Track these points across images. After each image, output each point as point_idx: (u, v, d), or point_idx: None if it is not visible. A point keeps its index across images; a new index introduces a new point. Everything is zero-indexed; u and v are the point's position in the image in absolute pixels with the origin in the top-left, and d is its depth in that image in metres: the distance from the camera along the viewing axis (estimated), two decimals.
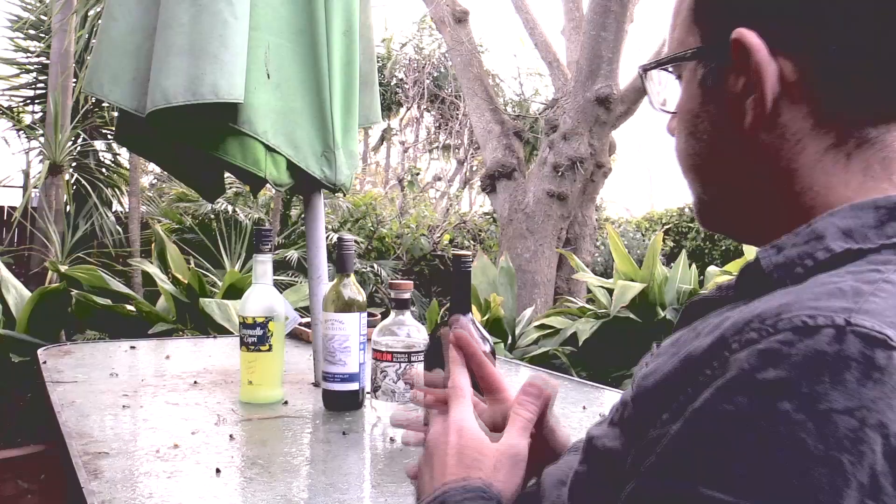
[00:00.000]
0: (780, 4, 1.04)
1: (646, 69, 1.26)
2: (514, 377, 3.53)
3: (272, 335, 2.83)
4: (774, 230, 1.09)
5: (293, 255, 10.63)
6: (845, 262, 0.96)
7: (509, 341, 7.01)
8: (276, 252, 10.26)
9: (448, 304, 2.63)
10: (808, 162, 1.05)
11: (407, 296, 2.65)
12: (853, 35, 1.00)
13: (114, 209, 10.75)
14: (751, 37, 1.04)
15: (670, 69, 1.23)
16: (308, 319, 4.00)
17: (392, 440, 2.45)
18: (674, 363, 0.96)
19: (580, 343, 6.60)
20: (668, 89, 1.25)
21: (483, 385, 1.61)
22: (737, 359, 0.85)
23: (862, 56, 1.01)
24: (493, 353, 2.40)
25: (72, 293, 6.26)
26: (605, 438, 1.09)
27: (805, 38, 1.03)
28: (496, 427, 1.54)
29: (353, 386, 2.78)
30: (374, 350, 2.64)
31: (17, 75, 10.99)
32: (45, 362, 3.38)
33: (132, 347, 3.87)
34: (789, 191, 1.07)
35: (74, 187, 10.14)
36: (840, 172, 1.04)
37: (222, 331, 5.74)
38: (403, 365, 2.61)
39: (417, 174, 18.41)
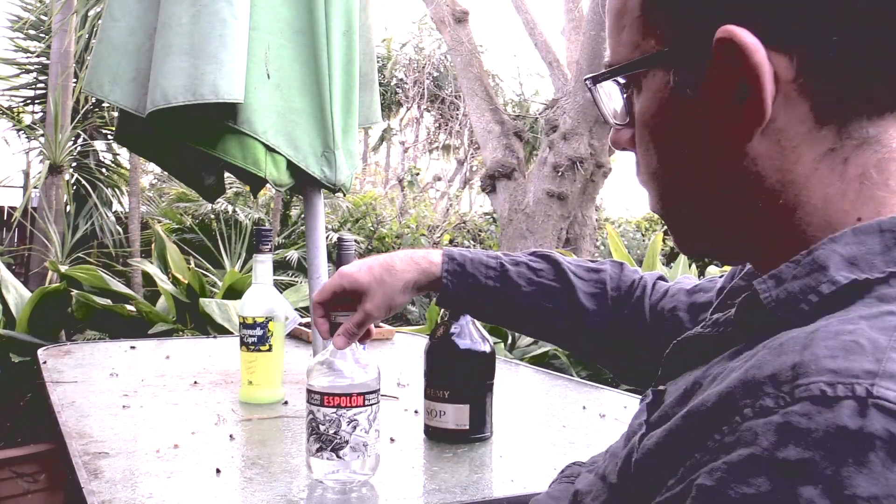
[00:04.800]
0: None
1: (596, 80, 1.14)
2: (514, 377, 3.53)
3: (272, 335, 2.82)
4: (766, 251, 1.02)
5: (293, 255, 10.63)
6: (852, 295, 0.89)
7: (509, 342, 7.00)
8: (276, 252, 10.26)
9: None
10: (803, 171, 0.96)
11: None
12: (858, 20, 0.90)
13: (114, 209, 10.75)
14: (743, 35, 0.91)
15: (623, 79, 1.11)
16: (308, 319, 4.00)
17: (392, 440, 2.44)
18: (676, 423, 0.88)
19: None
20: (620, 99, 1.14)
21: None
22: (751, 430, 0.77)
23: (865, 43, 0.91)
24: (492, 353, 2.41)
25: (72, 293, 6.24)
26: (589, 497, 1.05)
27: (803, 29, 0.92)
28: None
29: None
30: (328, 396, 1.98)
31: (17, 75, 10.99)
32: (45, 362, 3.37)
33: (132, 347, 3.87)
34: (783, 206, 0.98)
35: (74, 187, 10.14)
36: (836, 181, 0.96)
37: (222, 331, 5.73)
38: (376, 408, 2.03)
39: (417, 174, 18.43)
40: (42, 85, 10.72)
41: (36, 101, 10.89)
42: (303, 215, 5.25)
